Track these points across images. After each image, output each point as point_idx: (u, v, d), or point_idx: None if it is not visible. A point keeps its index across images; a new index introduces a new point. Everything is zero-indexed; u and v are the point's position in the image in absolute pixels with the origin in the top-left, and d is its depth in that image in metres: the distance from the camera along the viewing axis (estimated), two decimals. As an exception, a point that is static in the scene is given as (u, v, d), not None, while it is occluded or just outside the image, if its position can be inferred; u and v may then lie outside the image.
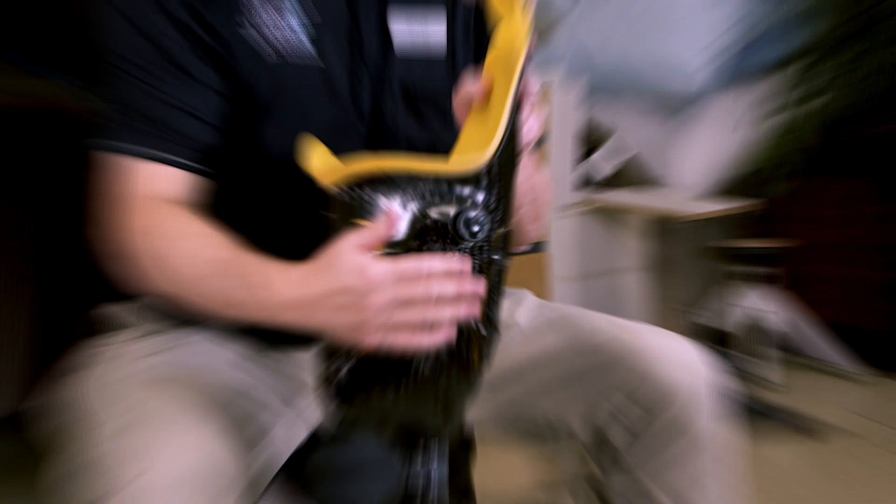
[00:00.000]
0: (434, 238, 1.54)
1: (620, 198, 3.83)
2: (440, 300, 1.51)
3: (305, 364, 1.78)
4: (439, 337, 1.52)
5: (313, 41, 1.73)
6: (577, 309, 1.89)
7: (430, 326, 1.51)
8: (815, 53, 3.88)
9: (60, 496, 1.57)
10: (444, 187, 1.56)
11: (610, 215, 3.86)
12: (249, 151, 1.72)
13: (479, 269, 1.57)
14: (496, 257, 1.58)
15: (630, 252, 3.94)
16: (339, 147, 1.72)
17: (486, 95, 1.65)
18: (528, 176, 1.79)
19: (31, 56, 2.97)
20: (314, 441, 1.77)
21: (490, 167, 1.57)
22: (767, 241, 3.86)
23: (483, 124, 1.63)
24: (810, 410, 3.72)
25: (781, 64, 3.99)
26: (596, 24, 3.92)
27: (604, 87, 3.96)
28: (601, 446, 1.79)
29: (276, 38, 1.71)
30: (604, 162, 3.95)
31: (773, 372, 3.80)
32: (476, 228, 1.55)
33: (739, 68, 3.90)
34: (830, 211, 3.99)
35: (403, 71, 1.81)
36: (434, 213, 1.55)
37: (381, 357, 1.53)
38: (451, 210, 1.56)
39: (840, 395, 3.87)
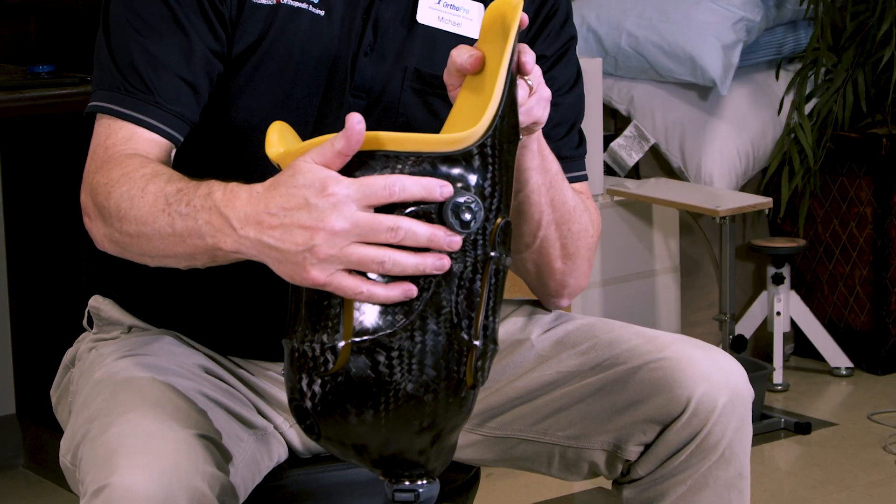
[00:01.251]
0: None
1: (646, 190, 3.74)
2: (409, 238, 1.32)
3: (277, 377, 1.70)
4: (395, 293, 1.33)
5: None
6: (598, 319, 1.72)
7: (387, 273, 1.32)
8: (814, 54, 3.87)
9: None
10: (427, 168, 1.34)
11: (635, 210, 3.77)
12: (224, 126, 1.64)
13: (474, 269, 1.36)
14: (494, 254, 1.37)
15: (659, 252, 3.86)
16: (323, 120, 1.64)
17: (479, 67, 1.46)
18: (546, 184, 1.61)
19: (61, 66, 2.97)
20: (294, 458, 1.70)
21: (483, 145, 1.36)
22: (777, 241, 3.85)
23: (476, 99, 1.44)
24: (811, 411, 3.72)
25: (781, 64, 3.98)
26: (605, 8, 3.89)
27: (618, 71, 3.93)
28: (613, 458, 1.66)
29: None
30: (623, 151, 3.86)
31: (776, 373, 3.79)
32: (468, 217, 1.33)
33: (746, 64, 3.89)
34: (831, 211, 3.98)
35: (423, 49, 1.67)
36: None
37: (357, 372, 1.34)
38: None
39: (841, 396, 3.86)
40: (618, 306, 3.76)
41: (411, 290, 1.33)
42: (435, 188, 1.32)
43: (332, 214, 1.31)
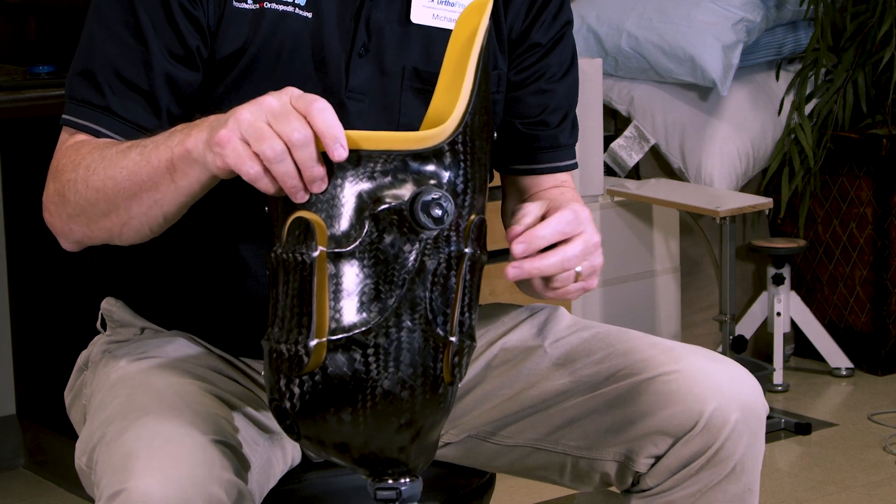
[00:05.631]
0: (389, 227, 1.34)
1: (646, 190, 3.74)
2: (296, 137, 1.33)
3: None
4: (255, 168, 1.34)
5: None
6: (615, 328, 1.70)
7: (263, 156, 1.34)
8: (814, 55, 3.87)
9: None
10: (398, 165, 1.34)
11: (635, 210, 3.77)
12: None
13: (448, 265, 1.36)
14: (468, 250, 1.37)
15: (659, 252, 3.86)
16: None
17: (455, 64, 1.45)
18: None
19: (61, 66, 2.97)
20: (307, 462, 1.68)
21: (453, 142, 1.36)
22: (778, 242, 3.84)
23: (450, 96, 1.43)
24: (811, 412, 3.72)
25: (781, 65, 3.98)
26: (605, 9, 3.90)
27: (618, 72, 3.93)
28: (624, 469, 1.65)
29: None
30: (623, 152, 3.86)
31: (776, 374, 3.78)
32: (439, 212, 1.34)
33: (746, 65, 3.89)
34: (831, 211, 3.98)
35: (421, 47, 1.65)
36: (388, 196, 1.34)
37: (333, 371, 1.34)
38: (408, 192, 1.35)
39: (841, 397, 3.86)
40: (618, 307, 3.75)
41: (265, 184, 1.34)
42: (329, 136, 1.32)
43: (245, 110, 1.36)
